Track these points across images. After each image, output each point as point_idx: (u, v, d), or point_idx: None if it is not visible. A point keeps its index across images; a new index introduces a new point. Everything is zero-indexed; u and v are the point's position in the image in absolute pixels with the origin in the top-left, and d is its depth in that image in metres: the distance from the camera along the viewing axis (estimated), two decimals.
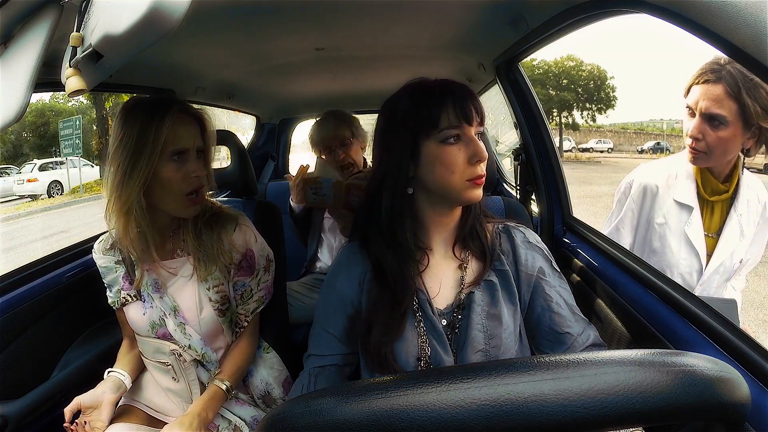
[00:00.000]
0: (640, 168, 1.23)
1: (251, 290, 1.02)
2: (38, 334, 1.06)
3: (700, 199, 1.10)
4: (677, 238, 1.11)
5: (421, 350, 0.72)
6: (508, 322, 0.74)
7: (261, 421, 0.34)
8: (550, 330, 0.75)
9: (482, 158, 0.71)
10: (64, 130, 13.59)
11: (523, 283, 0.77)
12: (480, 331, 0.72)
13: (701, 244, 1.10)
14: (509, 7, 1.06)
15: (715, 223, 1.11)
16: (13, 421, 0.94)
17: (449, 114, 0.71)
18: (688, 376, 0.32)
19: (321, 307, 0.82)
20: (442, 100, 0.71)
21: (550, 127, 1.43)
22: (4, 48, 0.55)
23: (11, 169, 15.19)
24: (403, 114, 0.74)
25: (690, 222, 1.10)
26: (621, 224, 1.21)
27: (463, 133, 0.71)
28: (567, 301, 0.77)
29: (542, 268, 0.78)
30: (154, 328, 0.96)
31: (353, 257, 0.81)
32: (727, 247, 1.09)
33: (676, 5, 0.54)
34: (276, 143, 2.80)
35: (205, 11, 0.99)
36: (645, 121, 30.85)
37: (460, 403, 0.31)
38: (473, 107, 0.71)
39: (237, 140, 1.32)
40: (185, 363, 0.96)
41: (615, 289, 0.95)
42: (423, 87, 0.75)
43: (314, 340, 0.81)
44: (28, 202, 12.70)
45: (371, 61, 1.70)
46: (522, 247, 0.79)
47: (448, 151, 0.71)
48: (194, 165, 0.88)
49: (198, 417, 0.88)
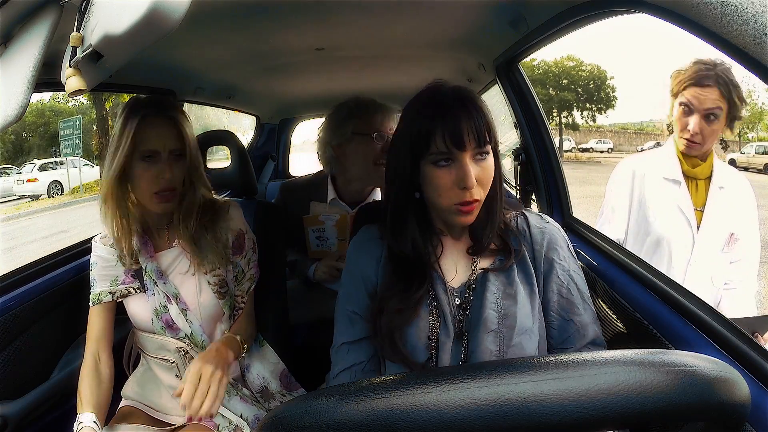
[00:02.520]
0: (626, 159, 1.39)
1: (243, 270, 1.06)
2: (38, 334, 1.06)
3: (685, 177, 1.25)
4: (669, 210, 1.24)
5: (432, 331, 0.73)
6: (523, 301, 0.73)
7: (261, 421, 0.34)
8: (557, 315, 0.75)
9: (467, 186, 0.68)
10: (64, 130, 13.59)
11: (539, 263, 0.77)
12: (494, 311, 0.72)
13: (691, 215, 1.22)
14: (509, 7, 1.06)
15: (701, 197, 1.24)
16: (13, 421, 0.94)
17: (438, 138, 0.68)
18: (688, 376, 0.32)
19: (343, 287, 0.82)
20: (433, 123, 0.68)
21: (550, 127, 1.43)
22: (4, 48, 0.55)
23: (11, 169, 15.18)
24: (404, 127, 0.74)
25: (679, 194, 1.23)
26: (616, 207, 1.32)
27: (453, 157, 0.69)
28: (579, 287, 0.76)
29: (558, 250, 0.77)
30: (158, 315, 0.97)
31: (372, 239, 0.83)
32: (714, 215, 1.21)
33: (676, 5, 0.53)
34: (276, 143, 2.80)
35: (205, 11, 0.99)
36: (645, 121, 30.82)
37: (460, 403, 0.31)
38: (469, 130, 0.67)
39: (237, 140, 1.32)
40: (191, 360, 0.96)
41: (615, 289, 0.95)
42: (424, 101, 0.73)
43: (341, 325, 0.80)
44: (28, 202, 12.70)
45: (371, 61, 1.70)
46: (537, 227, 0.79)
47: (438, 174, 0.70)
48: (163, 166, 0.90)
49: (216, 351, 0.91)
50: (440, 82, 0.75)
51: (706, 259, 1.22)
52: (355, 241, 0.85)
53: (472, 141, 0.68)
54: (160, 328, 0.97)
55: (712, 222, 1.22)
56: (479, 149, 0.69)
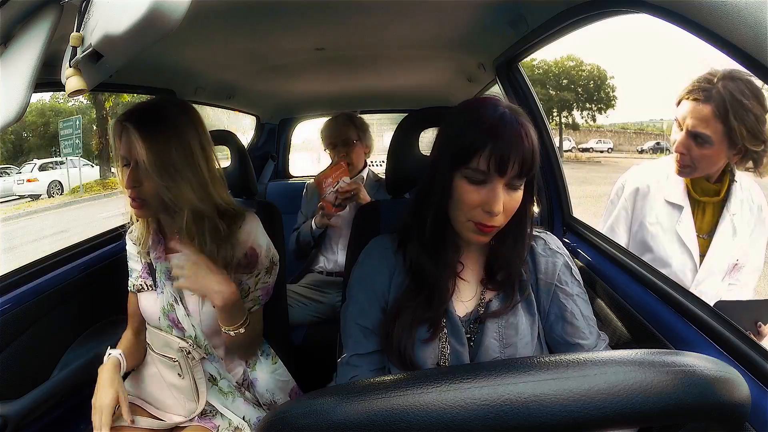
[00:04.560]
0: (632, 169, 1.25)
1: (248, 288, 1.01)
2: (38, 334, 1.06)
3: (691, 200, 1.11)
4: (669, 237, 1.12)
5: (441, 353, 0.72)
6: (524, 332, 0.73)
7: (261, 421, 0.34)
8: (561, 339, 0.75)
9: (492, 212, 0.66)
10: (64, 130, 13.57)
11: (542, 292, 0.76)
12: (495, 339, 0.72)
13: (693, 243, 1.10)
14: (509, 7, 1.06)
15: (707, 223, 1.11)
16: (13, 421, 0.94)
17: (483, 157, 0.65)
18: (688, 376, 0.32)
19: (354, 302, 0.79)
20: (484, 140, 0.65)
21: (550, 127, 1.43)
22: (4, 48, 0.54)
23: (11, 169, 15.18)
24: (447, 136, 0.71)
25: (681, 221, 1.11)
26: (616, 224, 1.23)
27: (489, 179, 0.66)
28: (583, 312, 0.75)
29: (561, 277, 0.76)
30: (165, 313, 0.98)
31: (385, 251, 0.80)
32: (721, 246, 1.09)
33: (676, 5, 0.53)
34: (276, 143, 2.80)
35: (205, 11, 0.99)
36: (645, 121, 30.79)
37: (460, 403, 0.31)
38: (515, 159, 0.64)
39: (237, 140, 1.32)
40: (193, 360, 0.97)
41: (615, 289, 0.95)
42: (477, 114, 0.69)
43: (351, 339, 0.77)
44: (28, 202, 12.69)
45: (371, 61, 1.70)
46: (543, 255, 0.77)
47: (467, 190, 0.67)
48: (127, 174, 0.90)
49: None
50: (496, 99, 0.71)
51: (705, 289, 1.11)
52: (368, 253, 0.83)
53: (515, 170, 0.65)
54: (167, 326, 0.98)
55: (718, 252, 1.09)
56: (517, 179, 0.67)
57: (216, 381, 1.01)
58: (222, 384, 1.01)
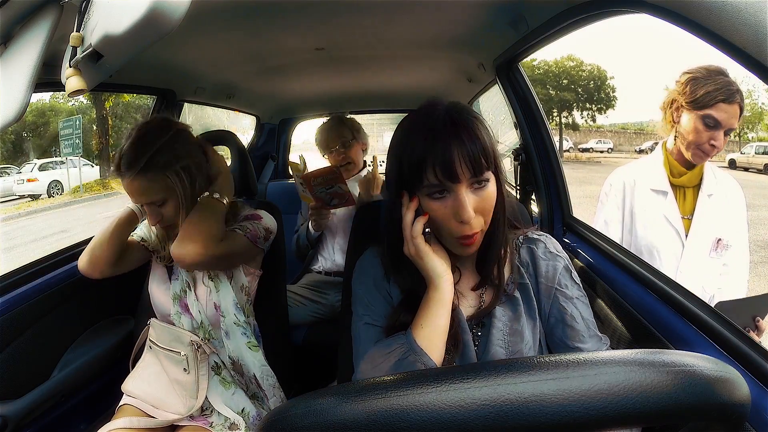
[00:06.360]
0: (617, 170, 1.38)
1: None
2: (38, 334, 1.06)
3: (673, 186, 1.25)
4: (657, 221, 1.24)
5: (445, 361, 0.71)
6: (528, 337, 0.72)
7: (261, 421, 0.34)
8: (561, 342, 0.74)
9: (463, 219, 0.63)
10: (64, 130, 13.56)
11: (543, 295, 0.75)
12: (501, 347, 0.71)
13: (678, 223, 1.23)
14: (509, 7, 1.06)
15: (689, 205, 1.25)
16: (13, 421, 0.94)
17: (429, 170, 0.63)
18: (688, 376, 0.32)
19: (358, 302, 0.78)
20: (423, 152, 0.63)
21: (550, 127, 1.43)
22: (4, 48, 0.55)
23: (11, 169, 15.18)
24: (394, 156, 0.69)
25: (666, 204, 1.24)
26: (608, 218, 1.32)
27: (448, 188, 0.64)
28: (583, 315, 0.74)
29: (561, 280, 0.75)
30: (177, 299, 1.03)
31: (374, 260, 0.80)
32: (702, 222, 1.22)
33: (676, 5, 0.53)
34: (276, 143, 2.80)
35: (205, 11, 0.99)
36: (645, 121, 30.84)
37: (460, 403, 0.31)
38: (462, 160, 0.62)
39: (237, 140, 1.32)
40: (203, 355, 0.99)
41: (615, 289, 0.95)
42: (414, 125, 0.67)
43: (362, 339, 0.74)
44: (28, 202, 12.69)
45: (371, 61, 1.70)
46: (542, 258, 0.77)
47: (433, 207, 0.66)
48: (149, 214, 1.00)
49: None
50: (433, 101, 0.68)
51: (695, 267, 1.21)
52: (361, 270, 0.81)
53: (467, 171, 0.62)
54: (176, 313, 1.02)
55: (699, 230, 1.22)
56: (476, 178, 0.64)
57: (219, 370, 1.02)
58: (224, 374, 1.03)
